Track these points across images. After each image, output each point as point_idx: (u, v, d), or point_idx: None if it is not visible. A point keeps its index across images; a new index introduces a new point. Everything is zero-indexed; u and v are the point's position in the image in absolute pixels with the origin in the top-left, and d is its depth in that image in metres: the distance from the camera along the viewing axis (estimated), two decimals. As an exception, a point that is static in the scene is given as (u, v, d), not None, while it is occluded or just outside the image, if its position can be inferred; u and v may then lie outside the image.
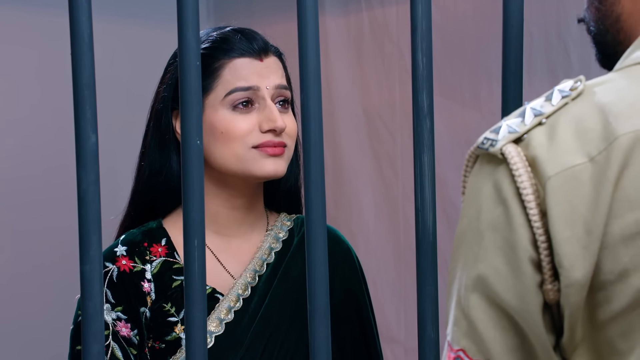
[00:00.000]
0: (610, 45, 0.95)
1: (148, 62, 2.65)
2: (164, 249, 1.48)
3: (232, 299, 1.46)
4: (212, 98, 1.44)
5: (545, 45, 2.50)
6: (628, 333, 0.82)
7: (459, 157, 2.59)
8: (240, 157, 1.42)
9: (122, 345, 1.42)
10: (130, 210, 1.52)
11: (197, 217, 1.07)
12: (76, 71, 1.05)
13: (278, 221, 1.55)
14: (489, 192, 0.85)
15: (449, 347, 0.87)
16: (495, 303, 0.84)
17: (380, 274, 2.85)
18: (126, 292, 1.44)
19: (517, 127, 0.85)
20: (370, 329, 1.56)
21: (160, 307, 1.44)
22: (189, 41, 1.07)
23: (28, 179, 2.98)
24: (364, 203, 2.93)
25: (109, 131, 2.45)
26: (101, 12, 1.61)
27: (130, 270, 1.45)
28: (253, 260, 1.49)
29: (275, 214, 1.56)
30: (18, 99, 2.98)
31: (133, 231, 1.49)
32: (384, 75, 2.89)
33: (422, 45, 1.10)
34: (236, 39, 1.46)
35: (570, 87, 0.86)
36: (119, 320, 1.43)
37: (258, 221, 1.52)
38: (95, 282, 1.06)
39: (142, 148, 1.51)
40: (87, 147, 1.05)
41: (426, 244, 1.11)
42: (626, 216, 0.81)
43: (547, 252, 0.82)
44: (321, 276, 1.09)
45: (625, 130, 0.82)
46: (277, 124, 1.42)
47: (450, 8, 2.70)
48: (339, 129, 2.98)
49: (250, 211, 1.50)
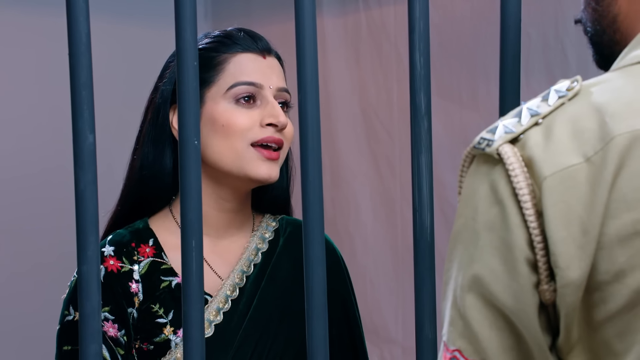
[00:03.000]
0: (607, 45, 0.95)
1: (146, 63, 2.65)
2: (151, 249, 1.47)
3: (221, 300, 1.45)
4: (214, 91, 1.43)
5: (542, 46, 2.51)
6: (624, 333, 0.82)
7: (456, 157, 2.59)
8: (238, 153, 1.41)
9: (110, 345, 1.41)
10: (119, 206, 1.51)
11: (194, 218, 1.08)
12: (74, 71, 1.05)
13: (263, 222, 1.54)
14: (485, 193, 0.85)
15: (445, 348, 0.87)
16: (491, 303, 0.84)
17: (378, 274, 2.85)
18: (113, 292, 1.43)
19: (513, 127, 0.85)
20: (358, 329, 1.55)
21: (148, 307, 1.43)
22: (187, 42, 1.07)
23: (26, 179, 2.98)
24: (362, 203, 2.94)
25: (107, 131, 2.44)
26: (99, 13, 1.61)
27: (118, 271, 1.44)
28: (240, 261, 1.49)
29: (260, 215, 1.55)
30: (15, 99, 2.98)
31: (120, 231, 1.48)
32: (381, 75, 2.89)
33: (419, 45, 1.10)
34: (239, 36, 1.46)
35: (566, 87, 0.86)
36: (106, 320, 1.42)
37: (245, 223, 1.52)
38: (92, 282, 1.06)
39: (136, 143, 1.49)
40: (85, 147, 1.05)
41: (424, 244, 1.11)
42: (622, 216, 0.81)
43: (543, 252, 0.82)
44: (319, 276, 1.09)
45: (621, 131, 0.82)
46: (279, 119, 1.41)
47: (447, 8, 2.70)
48: (337, 129, 2.98)
49: (238, 214, 1.49)
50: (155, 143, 1.47)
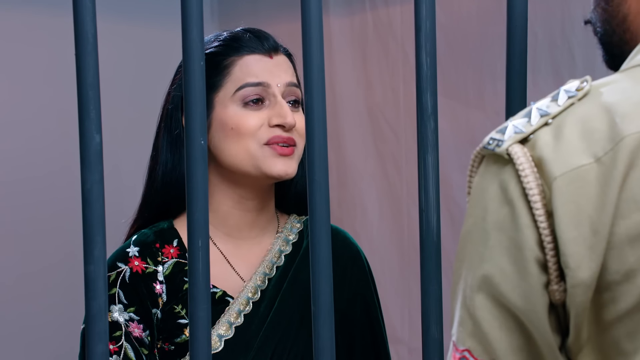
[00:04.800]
0: (617, 45, 0.95)
1: (152, 63, 2.65)
2: (175, 250, 1.47)
3: (242, 302, 1.45)
4: (222, 95, 1.43)
5: (549, 45, 2.50)
6: (634, 334, 0.82)
7: (463, 157, 2.59)
8: (252, 153, 1.41)
9: (135, 345, 1.41)
10: (144, 211, 1.50)
11: (201, 217, 1.07)
12: (80, 71, 1.05)
13: (288, 223, 1.53)
14: (495, 193, 0.85)
15: (454, 347, 0.87)
16: (501, 303, 0.84)
17: (384, 274, 2.85)
18: (138, 293, 1.43)
19: (523, 127, 0.85)
20: (380, 332, 1.55)
21: (171, 308, 1.43)
22: (193, 42, 1.07)
23: (33, 181, 2.98)
24: (368, 203, 2.93)
25: (114, 131, 2.45)
26: (105, 13, 1.61)
27: (143, 272, 1.44)
28: (263, 263, 1.48)
29: (286, 216, 1.55)
30: (23, 100, 2.99)
31: (145, 231, 1.48)
32: (388, 75, 2.89)
33: (426, 45, 1.10)
34: (246, 37, 1.45)
35: (576, 88, 0.86)
36: (132, 321, 1.42)
37: (269, 224, 1.51)
38: (99, 282, 1.06)
39: (153, 150, 1.49)
40: (91, 147, 1.05)
41: (430, 244, 1.11)
42: (632, 216, 0.81)
43: (553, 252, 0.82)
44: (325, 277, 1.08)
45: (631, 131, 0.82)
46: (286, 119, 1.41)
47: (454, 8, 2.70)
48: (343, 129, 2.98)
49: (261, 213, 1.49)
50: (172, 150, 1.47)
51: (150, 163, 1.50)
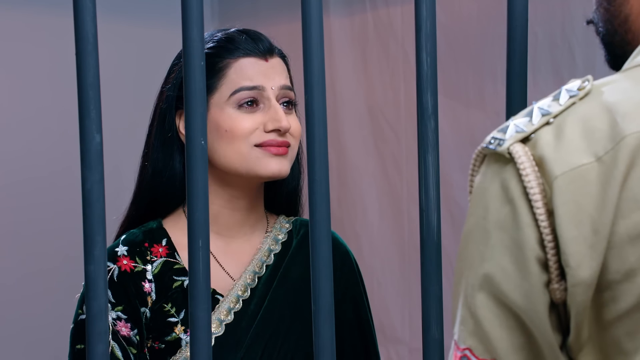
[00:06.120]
0: (619, 46, 0.95)
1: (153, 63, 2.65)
2: (164, 249, 1.48)
3: (232, 300, 1.46)
4: (217, 97, 1.44)
5: (549, 45, 2.50)
6: (634, 333, 0.82)
7: (463, 157, 2.59)
8: (244, 155, 1.42)
9: (122, 344, 1.42)
10: (132, 210, 1.52)
11: (201, 217, 1.07)
12: (81, 71, 1.05)
13: (277, 223, 1.55)
14: (496, 192, 0.85)
15: (455, 346, 0.87)
16: (502, 302, 0.84)
17: (385, 274, 2.85)
18: (126, 291, 1.44)
19: (524, 126, 0.85)
20: (370, 332, 1.56)
21: (160, 307, 1.44)
22: (194, 41, 1.07)
23: (33, 182, 2.98)
24: (369, 203, 2.93)
25: (114, 131, 2.44)
26: (106, 13, 1.61)
27: (132, 270, 1.45)
28: (252, 261, 1.50)
29: (275, 216, 1.56)
30: (23, 100, 2.99)
31: (134, 231, 1.49)
32: (388, 75, 2.89)
33: (426, 45, 1.10)
34: (241, 39, 1.46)
35: (577, 87, 0.86)
36: (119, 319, 1.43)
37: (258, 223, 1.52)
38: (99, 282, 1.06)
39: (145, 148, 1.51)
40: (92, 147, 1.05)
41: (431, 244, 1.11)
42: (633, 216, 0.81)
43: (553, 251, 0.82)
44: (326, 276, 1.08)
45: (632, 130, 0.82)
46: (281, 123, 1.42)
47: (454, 8, 2.70)
48: (344, 129, 2.98)
49: (251, 213, 1.50)
50: (164, 149, 1.48)
51: (141, 161, 1.51)
